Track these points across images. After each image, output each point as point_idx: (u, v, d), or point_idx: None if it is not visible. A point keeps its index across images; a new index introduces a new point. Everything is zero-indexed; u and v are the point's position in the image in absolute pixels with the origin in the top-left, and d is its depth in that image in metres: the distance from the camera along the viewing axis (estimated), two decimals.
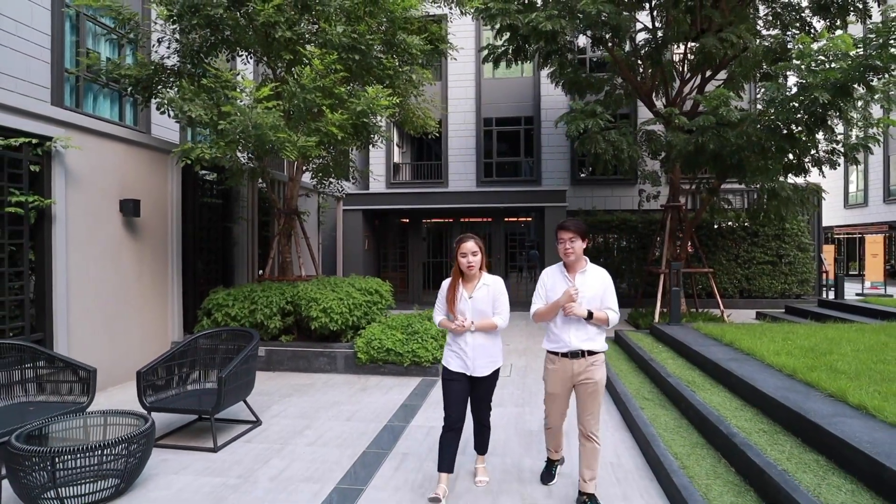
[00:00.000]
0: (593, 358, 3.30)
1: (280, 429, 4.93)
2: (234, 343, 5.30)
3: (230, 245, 9.07)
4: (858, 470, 2.94)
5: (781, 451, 3.38)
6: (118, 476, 3.59)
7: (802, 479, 2.95)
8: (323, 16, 6.44)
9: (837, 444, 3.15)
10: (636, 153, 9.61)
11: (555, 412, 3.50)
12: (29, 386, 4.48)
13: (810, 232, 14.27)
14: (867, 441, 3.01)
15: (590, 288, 3.29)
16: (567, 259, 3.33)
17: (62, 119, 5.79)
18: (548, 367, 3.48)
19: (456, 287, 3.48)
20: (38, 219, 5.52)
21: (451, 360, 3.48)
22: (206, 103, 6.04)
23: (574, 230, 3.26)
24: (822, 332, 6.50)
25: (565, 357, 3.32)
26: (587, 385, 3.29)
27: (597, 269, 3.40)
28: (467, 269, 3.42)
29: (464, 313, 3.41)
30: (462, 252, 3.42)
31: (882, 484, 2.73)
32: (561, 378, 3.36)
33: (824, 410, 3.60)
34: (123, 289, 6.64)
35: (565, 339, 3.29)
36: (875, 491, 2.77)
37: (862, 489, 2.82)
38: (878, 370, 4.48)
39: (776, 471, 3.05)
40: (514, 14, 9.61)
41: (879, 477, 2.75)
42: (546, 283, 3.45)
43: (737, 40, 9.02)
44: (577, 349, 3.27)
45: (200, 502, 3.51)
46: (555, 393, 3.43)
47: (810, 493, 2.79)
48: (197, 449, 4.40)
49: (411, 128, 8.86)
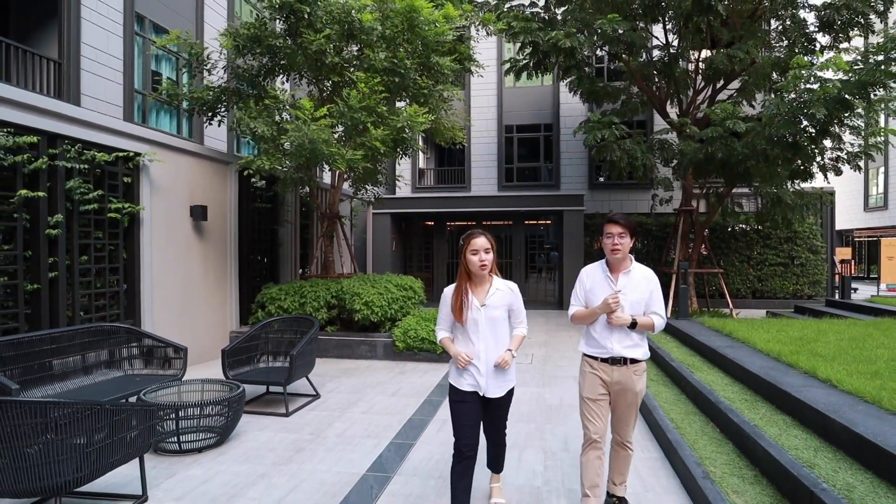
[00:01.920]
0: (636, 366, 3.00)
1: (336, 401, 5.80)
2: (296, 329, 6.20)
3: (276, 245, 10.02)
4: (814, 424, 3.69)
5: (757, 413, 4.14)
6: (218, 431, 4.49)
7: (769, 431, 3.71)
8: (367, 43, 7.33)
9: (800, 407, 3.90)
10: (650, 161, 10.33)
11: (594, 420, 3.03)
12: (134, 361, 5.41)
13: (822, 235, 14.76)
14: (823, 403, 3.76)
15: (634, 290, 2.97)
16: (613, 256, 2.98)
17: (146, 137, 6.76)
18: (585, 371, 3.11)
19: (464, 292, 2.99)
20: (130, 223, 6.49)
21: (460, 379, 3.01)
22: (266, 121, 6.97)
23: (624, 224, 2.94)
24: (816, 325, 7.18)
25: (605, 363, 3.01)
26: (627, 395, 3.01)
27: (643, 270, 3.06)
28: (479, 270, 2.94)
29: (476, 323, 2.96)
30: (473, 248, 2.95)
31: (828, 433, 3.48)
32: (600, 383, 3.03)
33: (796, 383, 4.34)
34: (192, 284, 7.60)
35: (607, 344, 2.99)
36: (823, 438, 3.52)
37: (813, 437, 3.58)
38: (853, 354, 5.19)
39: (749, 426, 3.81)
40: (536, 32, 10.41)
41: (827, 428, 3.50)
42: (585, 283, 3.12)
43: (744, 56, 9.70)
44: (620, 356, 2.97)
45: (285, 450, 4.38)
46: (592, 398, 3.04)
47: (773, 440, 3.55)
48: (272, 414, 5.29)
49: (441, 139, 9.70)
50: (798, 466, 3.06)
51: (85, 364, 5.02)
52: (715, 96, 11.35)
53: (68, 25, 7.87)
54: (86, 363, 5.04)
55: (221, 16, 11.38)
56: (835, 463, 3.15)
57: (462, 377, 3.00)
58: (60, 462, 2.93)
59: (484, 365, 2.96)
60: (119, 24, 8.77)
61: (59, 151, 5.44)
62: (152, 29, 9.81)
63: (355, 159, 6.91)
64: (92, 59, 8.23)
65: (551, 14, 11.61)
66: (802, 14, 10.28)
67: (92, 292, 5.97)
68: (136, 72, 9.11)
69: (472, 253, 2.95)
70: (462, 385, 2.99)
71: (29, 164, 5.09)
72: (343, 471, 3.96)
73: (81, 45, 8.09)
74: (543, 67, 11.58)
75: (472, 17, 9.14)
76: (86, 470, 3.03)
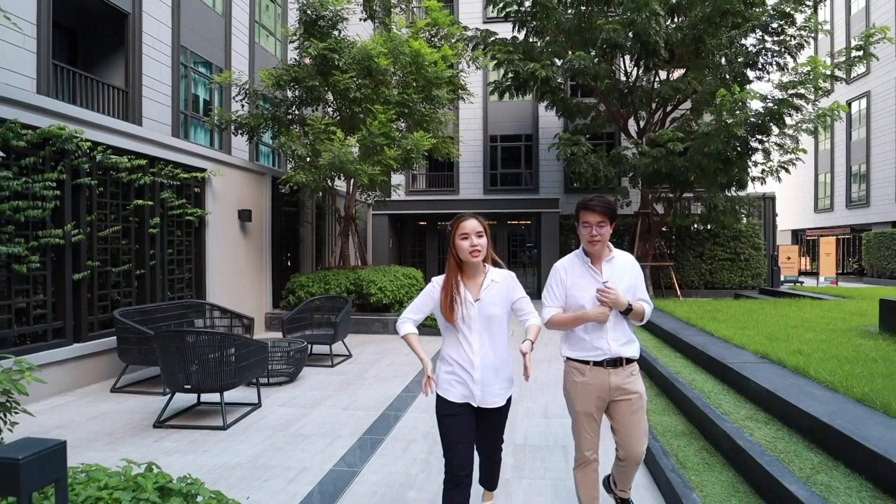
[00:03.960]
0: (632, 367, 2.64)
1: (365, 359, 7.69)
2: (331, 306, 8.06)
3: (298, 242, 11.85)
4: (691, 355, 5.70)
5: (661, 353, 6.15)
6: (290, 374, 6.35)
7: (662, 360, 5.71)
8: (382, 81, 9.22)
9: (685, 346, 5.91)
10: (610, 172, 12.40)
11: (589, 438, 2.66)
12: (215, 327, 7.23)
13: (764, 234, 17.00)
14: (700, 342, 5.78)
15: (621, 278, 2.61)
16: (592, 248, 2.61)
17: (209, 156, 8.55)
18: (575, 381, 2.65)
19: (455, 286, 2.53)
20: (199, 224, 8.29)
21: (449, 388, 2.53)
22: (303, 143, 8.82)
23: (603, 212, 2.55)
24: (730, 303, 9.29)
25: (599, 366, 2.58)
26: (630, 401, 2.59)
27: (624, 255, 2.71)
28: (470, 257, 2.47)
29: (470, 322, 2.50)
30: (462, 233, 2.49)
31: (698, 358, 5.50)
32: (595, 394, 2.59)
33: (690, 333, 6.37)
34: (239, 273, 9.41)
35: (601, 343, 2.57)
36: (694, 362, 5.54)
37: (688, 361, 5.59)
38: (738, 318, 7.28)
39: (650, 356, 5.81)
40: (517, 62, 12.39)
41: (697, 356, 5.52)
42: (564, 279, 2.67)
43: (686, 86, 11.79)
44: (618, 356, 2.57)
45: (339, 384, 6.27)
46: (587, 412, 2.62)
47: (665, 365, 5.54)
48: (320, 366, 7.17)
49: (439, 155, 11.59)
50: (673, 375, 5.07)
51: (185, 328, 6.85)
52: (667, 117, 13.46)
53: (133, 59, 9.67)
54: (185, 327, 6.86)
55: (244, 42, 13.25)
56: (696, 374, 5.18)
57: (452, 386, 2.51)
58: (223, 372, 4.79)
59: (479, 371, 2.48)
60: (168, 55, 10.60)
61: (156, 170, 7.23)
62: (192, 58, 11.70)
63: (375, 174, 8.80)
64: (149, 87, 10.05)
65: (530, 45, 13.60)
66: (734, 51, 12.42)
67: (175, 277, 7.77)
68: (181, 96, 10.96)
69: (461, 237, 2.47)
70: (452, 396, 2.51)
71: (139, 181, 6.88)
72: (383, 393, 5.86)
73: (143, 75, 9.90)
74: (523, 90, 13.55)
75: (464, 54, 11.08)
76: (236, 378, 4.89)
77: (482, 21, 17.81)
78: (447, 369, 2.56)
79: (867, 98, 24.47)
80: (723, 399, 4.45)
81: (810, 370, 4.44)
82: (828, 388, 4.07)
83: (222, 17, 12.12)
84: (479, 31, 13.30)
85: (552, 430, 4.62)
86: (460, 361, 2.52)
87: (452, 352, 2.56)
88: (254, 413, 5.13)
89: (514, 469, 3.85)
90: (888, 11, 22.53)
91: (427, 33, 10.49)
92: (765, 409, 4.10)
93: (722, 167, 11.12)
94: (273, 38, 14.42)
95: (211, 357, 4.75)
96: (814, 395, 3.89)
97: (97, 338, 6.16)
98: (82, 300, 5.91)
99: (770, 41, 12.04)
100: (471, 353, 2.51)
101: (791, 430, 3.66)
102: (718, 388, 4.77)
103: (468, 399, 2.51)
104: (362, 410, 5.25)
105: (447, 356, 2.58)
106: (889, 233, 21.28)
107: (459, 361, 2.53)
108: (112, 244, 6.46)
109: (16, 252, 5.03)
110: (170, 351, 4.66)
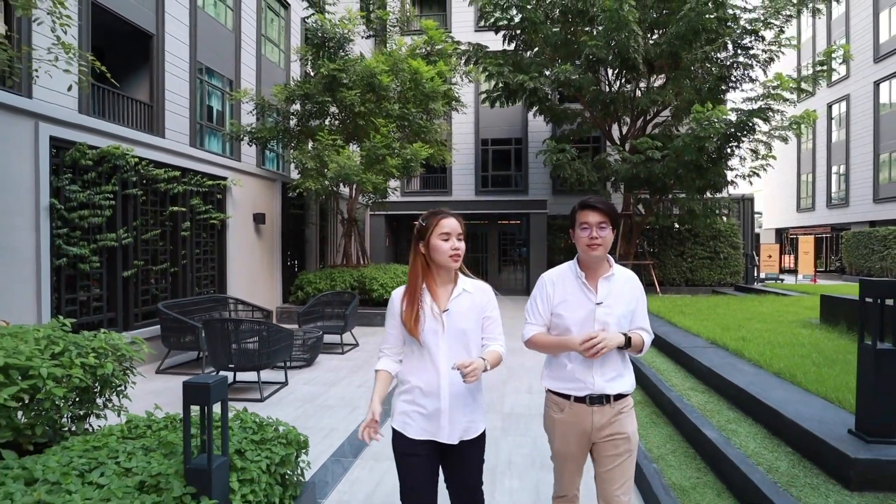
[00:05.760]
0: (622, 403, 2.21)
1: (370, 348, 8.62)
2: (339, 301, 8.98)
3: (303, 242, 12.75)
4: (655, 343, 6.67)
5: None
6: (306, 359, 7.27)
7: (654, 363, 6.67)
8: (384, 97, 10.12)
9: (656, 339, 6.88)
10: (593, 177, 13.38)
11: (567, 478, 2.33)
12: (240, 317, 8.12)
13: (743, 233, 18.06)
14: (663, 332, 6.75)
15: (619, 301, 2.19)
16: (591, 254, 2.16)
17: (229, 165, 9.44)
18: (553, 417, 2.28)
19: (418, 295, 2.09)
20: (221, 227, 9.18)
21: (409, 421, 2.07)
22: (312, 155, 9.71)
23: (605, 211, 2.15)
24: (700, 299, 10.28)
25: (581, 403, 2.19)
26: (616, 442, 2.19)
27: (625, 272, 2.29)
28: (450, 261, 2.08)
29: (435, 337, 2.05)
30: (443, 232, 2.09)
31: (662, 348, 6.47)
32: (575, 432, 2.21)
33: (656, 324, 7.34)
34: (254, 271, 10.30)
35: (585, 377, 2.17)
36: (659, 349, 6.51)
37: (670, 361, 6.56)
38: (704, 312, 8.26)
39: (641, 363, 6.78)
40: (507, 75, 13.32)
41: (661, 346, 6.49)
42: (552, 295, 2.25)
43: (663, 98, 12.78)
44: (602, 393, 2.17)
45: (351, 368, 7.20)
46: (566, 452, 2.27)
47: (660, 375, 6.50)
48: (332, 353, 8.09)
49: (435, 161, 12.52)
50: (636, 358, 6.04)
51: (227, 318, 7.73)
52: (647, 124, 14.45)
53: (157, 76, 10.50)
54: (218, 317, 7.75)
55: (252, 55, 14.07)
56: (656, 357, 6.15)
57: (411, 419, 2.06)
58: (259, 354, 5.70)
59: (447, 399, 2.03)
60: (186, 71, 11.42)
61: (187, 179, 8.11)
62: (206, 72, 12.53)
63: (378, 182, 9.71)
64: (171, 101, 10.89)
65: (519, 57, 14.53)
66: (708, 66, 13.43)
67: (201, 274, 8.66)
68: (197, 107, 11.81)
69: (441, 237, 2.09)
70: (410, 431, 2.06)
71: (173, 190, 7.76)
72: None
73: (165, 90, 10.75)
74: (513, 99, 14.49)
75: (457, 68, 12.00)
76: (269, 360, 5.81)
77: (474, 30, 18.69)
78: (406, 398, 2.08)
79: (847, 101, 25.47)
80: (673, 375, 5.43)
81: (745, 352, 5.43)
82: (755, 365, 5.06)
83: (232, 32, 12.94)
84: (472, 44, 14.21)
85: (535, 402, 5.58)
86: (423, 387, 2.04)
87: (414, 376, 2.08)
88: (283, 390, 6.06)
89: (502, 431, 4.79)
90: (867, 18, 23.60)
91: (424, 49, 11.39)
92: (704, 382, 5.08)
93: (697, 174, 12.12)
94: (277, 49, 15.26)
95: (250, 341, 5.67)
96: (743, 370, 4.87)
97: (141, 327, 7.05)
98: (129, 294, 6.80)
99: (742, 56, 13.05)
100: (437, 376, 2.03)
101: (720, 396, 4.65)
102: (672, 367, 5.75)
103: (432, 436, 2.04)
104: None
105: (407, 381, 2.10)
106: (866, 232, 22.02)
107: (422, 387, 2.05)
108: (152, 245, 7.35)
109: (81, 253, 5.92)
110: (216, 336, 5.57)
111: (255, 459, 2.67)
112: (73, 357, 2.85)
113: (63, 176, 5.87)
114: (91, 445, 2.64)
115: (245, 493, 2.48)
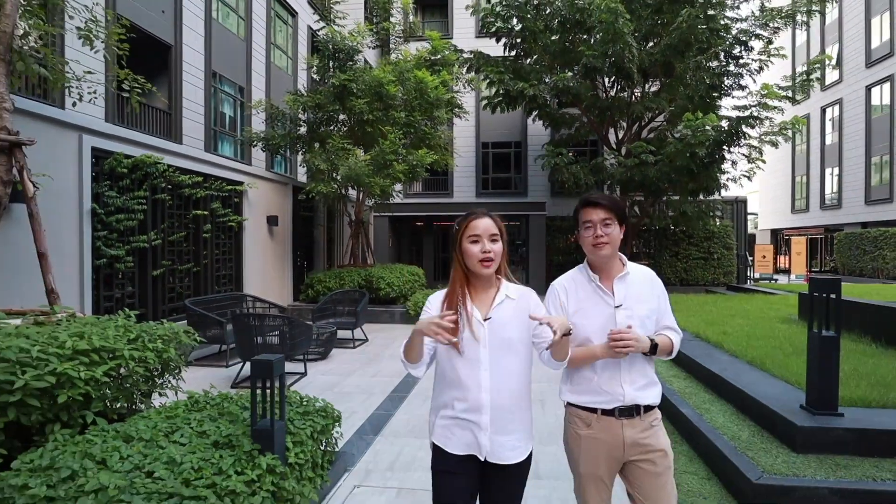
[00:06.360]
0: (651, 415, 2.01)
1: (380, 343, 9.17)
2: (350, 299, 9.52)
3: (312, 243, 13.30)
4: None
5: None
6: (321, 352, 7.81)
7: None
8: (391, 106, 10.67)
9: None
10: (590, 181, 13.93)
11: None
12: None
13: (736, 235, 18.62)
14: None
15: (639, 301, 2.02)
16: (598, 253, 2.00)
17: (245, 170, 9.99)
18: (578, 434, 2.03)
19: (461, 301, 1.93)
20: (238, 228, 9.72)
21: (449, 435, 1.92)
22: (324, 159, 10.26)
23: (609, 207, 2.01)
24: (691, 297, 10.83)
25: (610, 416, 1.97)
26: (653, 459, 1.96)
27: (641, 270, 2.14)
28: (480, 267, 1.90)
29: (477, 347, 1.87)
30: (472, 234, 1.91)
31: None
32: (605, 450, 1.97)
33: None
34: (266, 270, 10.84)
35: (612, 386, 1.97)
36: None
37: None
38: (692, 308, 8.80)
39: None
40: (507, 82, 13.87)
41: None
42: (565, 303, 2.06)
43: (657, 105, 13.34)
44: (634, 403, 1.96)
45: (363, 361, 7.74)
46: (594, 475, 2.00)
47: None
48: (345, 347, 8.63)
49: (438, 167, 13.07)
50: None
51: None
52: (643, 129, 15.00)
53: (175, 84, 11.04)
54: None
55: (262, 63, 14.61)
56: None
57: (451, 432, 1.91)
58: (283, 346, 6.25)
59: (488, 413, 1.86)
60: (202, 79, 11.97)
61: (208, 184, 8.66)
62: (220, 80, 13.06)
63: (385, 185, 10.26)
64: (187, 108, 11.43)
65: (519, 64, 15.08)
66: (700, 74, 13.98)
67: (221, 273, 9.21)
68: (211, 114, 12.35)
69: (470, 240, 1.91)
70: (452, 446, 1.90)
71: (196, 195, 8.30)
72: (400, 368, 7.33)
73: (183, 98, 11.29)
74: (513, 105, 15.03)
75: (460, 77, 12.56)
76: (291, 351, 6.35)
77: (475, 36, 19.22)
78: (445, 413, 1.93)
79: (840, 105, 26.00)
80: (658, 365, 5.98)
81: (724, 344, 5.99)
82: (732, 355, 5.62)
83: (243, 41, 13.49)
84: (474, 52, 14.76)
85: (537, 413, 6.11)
86: (463, 400, 1.88)
87: (453, 388, 1.91)
88: (303, 380, 6.61)
89: None
90: (859, 24, 24.16)
91: (428, 59, 11.94)
92: (686, 370, 5.64)
93: (689, 178, 12.67)
94: (285, 56, 15.81)
95: (275, 334, 6.22)
96: (720, 359, 5.43)
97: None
98: (158, 292, 7.35)
99: (732, 65, 13.61)
100: (478, 390, 1.86)
101: (699, 381, 5.20)
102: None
103: (472, 450, 1.88)
104: (386, 378, 6.74)
105: (445, 394, 1.94)
106: (858, 233, 22.42)
107: (462, 399, 1.88)
108: (177, 246, 7.90)
109: (117, 254, 6.46)
110: (243, 330, 6.12)
111: (301, 427, 3.23)
112: (146, 342, 3.39)
113: (102, 183, 6.42)
114: (165, 416, 3.19)
115: (297, 451, 3.03)
